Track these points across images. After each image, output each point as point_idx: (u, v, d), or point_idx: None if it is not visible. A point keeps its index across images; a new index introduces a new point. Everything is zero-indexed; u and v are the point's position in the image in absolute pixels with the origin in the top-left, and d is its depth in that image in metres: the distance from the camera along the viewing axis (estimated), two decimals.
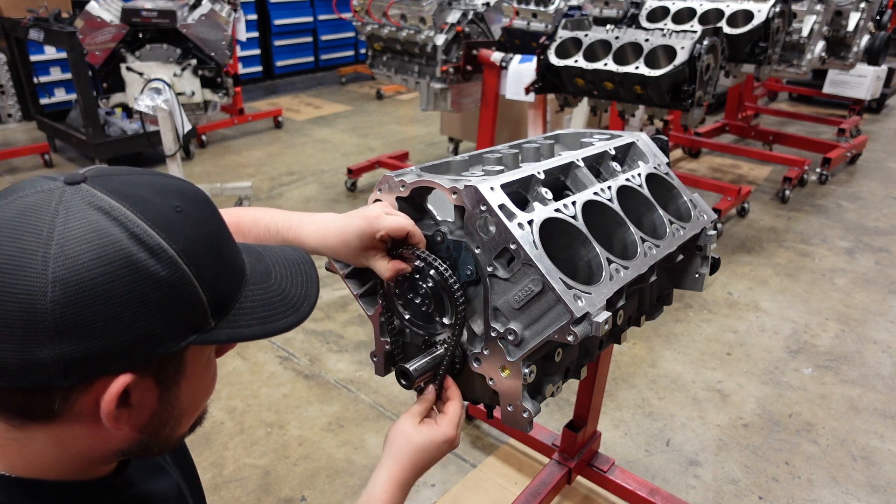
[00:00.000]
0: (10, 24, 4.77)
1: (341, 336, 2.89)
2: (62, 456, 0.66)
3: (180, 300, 0.60)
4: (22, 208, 0.57)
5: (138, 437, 0.68)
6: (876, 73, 5.32)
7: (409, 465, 0.97)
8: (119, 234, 0.57)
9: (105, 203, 0.58)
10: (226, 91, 3.45)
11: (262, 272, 0.73)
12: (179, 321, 0.61)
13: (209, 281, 0.63)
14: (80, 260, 0.55)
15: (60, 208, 0.57)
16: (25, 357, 0.55)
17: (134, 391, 0.62)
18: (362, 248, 0.99)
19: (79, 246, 0.56)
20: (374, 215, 0.98)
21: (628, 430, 2.36)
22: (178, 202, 0.64)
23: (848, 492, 2.10)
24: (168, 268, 0.59)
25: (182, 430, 0.73)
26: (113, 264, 0.56)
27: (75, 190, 0.59)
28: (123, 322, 0.57)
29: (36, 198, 0.58)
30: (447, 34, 3.51)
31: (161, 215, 0.60)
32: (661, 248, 1.13)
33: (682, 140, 4.99)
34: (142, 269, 0.57)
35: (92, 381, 0.59)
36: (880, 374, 2.67)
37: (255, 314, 0.69)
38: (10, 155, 4.77)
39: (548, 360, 1.06)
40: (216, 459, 2.19)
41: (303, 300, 0.75)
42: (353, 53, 8.12)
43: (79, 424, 0.63)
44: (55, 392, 0.59)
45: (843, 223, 4.06)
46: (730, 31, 3.25)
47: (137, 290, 0.57)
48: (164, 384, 0.65)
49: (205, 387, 0.72)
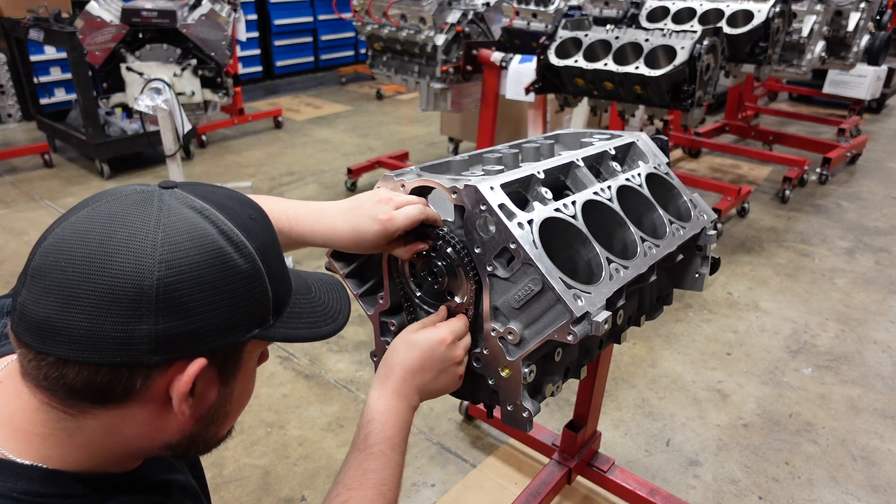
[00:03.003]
0: (10, 24, 4.77)
1: (341, 336, 2.89)
2: (105, 446, 0.69)
3: (254, 293, 0.68)
4: (129, 203, 0.65)
5: (191, 431, 0.72)
6: (876, 73, 5.32)
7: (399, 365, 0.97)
8: (210, 228, 0.66)
9: (197, 204, 0.67)
10: (226, 91, 3.44)
11: (304, 286, 0.81)
12: (250, 313, 0.68)
13: (275, 281, 0.71)
14: (183, 246, 0.63)
15: (163, 205, 0.65)
16: (126, 330, 0.61)
17: (199, 380, 0.67)
18: (376, 248, 1.01)
19: (180, 235, 0.63)
20: (387, 217, 0.97)
21: (628, 430, 2.35)
22: (252, 212, 0.73)
23: (848, 492, 2.10)
24: (248, 262, 0.67)
25: (223, 431, 0.78)
26: (207, 253, 0.64)
27: (171, 193, 0.67)
28: (210, 306, 0.64)
29: (138, 196, 0.66)
30: (447, 34, 3.51)
31: (241, 219, 0.69)
32: (661, 247, 1.13)
33: (682, 140, 4.99)
34: (229, 261, 0.65)
35: (171, 363, 0.64)
36: (880, 374, 2.67)
37: (302, 319, 0.77)
38: (10, 155, 4.77)
39: (548, 359, 1.06)
40: (216, 459, 2.19)
41: (339, 312, 0.83)
42: (353, 53, 8.12)
43: (143, 410, 0.67)
44: (140, 371, 0.63)
45: (843, 223, 4.06)
46: (730, 31, 3.25)
47: (225, 278, 0.65)
48: (224, 377, 0.71)
49: (249, 390, 0.78)
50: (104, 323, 0.60)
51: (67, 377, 0.63)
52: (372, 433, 0.92)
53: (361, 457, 0.91)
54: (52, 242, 0.63)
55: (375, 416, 0.94)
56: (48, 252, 0.63)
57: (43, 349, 0.62)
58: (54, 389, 0.64)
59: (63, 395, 0.65)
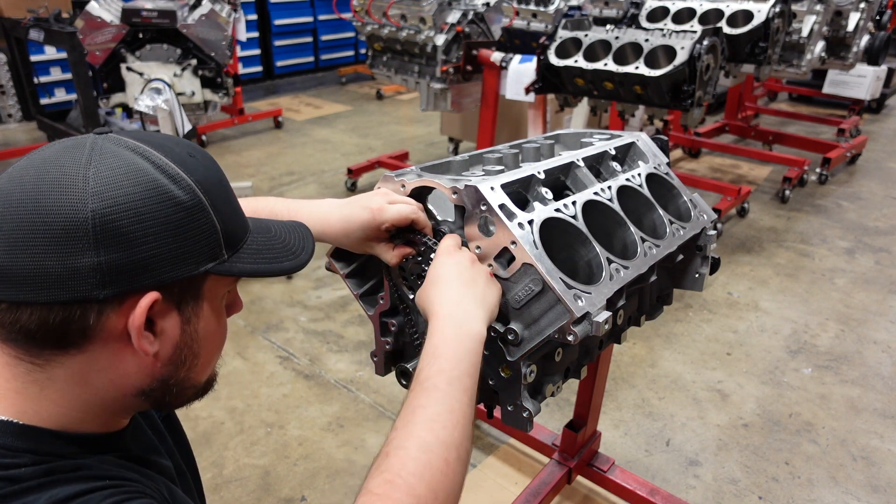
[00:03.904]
0: (10, 24, 4.76)
1: (341, 336, 2.89)
2: (80, 397, 0.70)
3: (199, 225, 0.68)
4: (61, 147, 0.67)
5: (160, 373, 0.72)
6: (876, 73, 5.32)
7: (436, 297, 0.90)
8: (145, 164, 0.66)
9: (131, 144, 0.68)
10: (226, 91, 3.44)
11: (263, 227, 0.81)
12: (198, 246, 0.68)
13: (222, 214, 0.71)
14: (115, 179, 0.64)
15: (95, 146, 0.66)
16: (68, 264, 0.62)
17: (158, 317, 0.68)
18: (365, 239, 1.01)
19: (112, 171, 0.64)
20: (378, 207, 0.98)
21: (628, 430, 2.36)
22: (192, 151, 0.73)
23: (848, 492, 2.10)
24: (188, 193, 0.67)
25: (197, 376, 0.77)
26: (141, 185, 0.65)
27: (105, 137, 0.68)
28: (151, 238, 0.64)
29: (72, 141, 0.68)
30: (447, 34, 3.51)
31: (178, 156, 0.69)
32: (661, 247, 1.13)
33: (682, 140, 4.99)
34: (165, 192, 0.66)
35: (123, 300, 0.65)
36: (880, 374, 2.67)
37: (261, 255, 0.76)
38: (10, 155, 4.77)
39: (548, 359, 1.06)
40: (216, 459, 2.19)
41: (301, 249, 0.82)
42: (353, 53, 8.11)
43: (106, 352, 0.68)
44: (91, 307, 0.64)
45: (843, 223, 4.06)
46: (730, 31, 3.25)
47: (163, 209, 0.65)
48: (184, 314, 0.71)
49: (220, 333, 0.78)
50: (46, 260, 0.62)
51: (21, 320, 0.64)
52: (424, 369, 0.82)
53: (412, 395, 0.80)
54: None
55: (427, 351, 0.84)
56: None
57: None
58: (15, 339, 0.66)
59: (24, 342, 0.66)
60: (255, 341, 2.83)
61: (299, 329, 2.93)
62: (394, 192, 1.04)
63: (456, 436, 0.76)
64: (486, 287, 0.92)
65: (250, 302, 3.10)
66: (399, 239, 1.03)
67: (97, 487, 0.66)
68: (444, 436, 0.75)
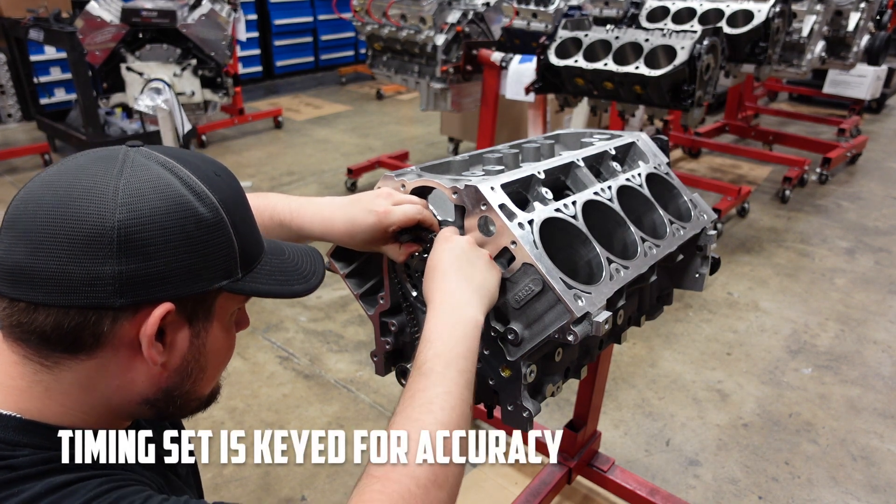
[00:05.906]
0: (10, 24, 4.77)
1: (341, 336, 2.89)
2: (84, 400, 0.71)
3: (218, 242, 0.70)
4: (95, 156, 0.69)
5: (166, 383, 0.73)
6: (876, 73, 5.32)
7: (437, 285, 0.90)
8: (173, 179, 0.68)
9: (161, 159, 0.70)
10: (226, 91, 3.45)
11: (277, 249, 0.83)
12: (215, 262, 0.70)
13: (241, 233, 0.73)
14: (144, 192, 0.66)
15: (127, 158, 0.68)
16: (89, 271, 0.63)
17: (169, 329, 0.70)
18: (371, 241, 1.01)
19: (142, 184, 0.66)
20: (384, 210, 0.98)
21: (628, 429, 2.36)
22: (218, 171, 0.75)
23: (848, 492, 2.10)
24: (211, 211, 0.69)
25: (201, 389, 0.78)
26: (168, 199, 0.67)
27: (137, 150, 0.70)
28: (172, 251, 0.66)
29: (105, 152, 0.70)
30: (447, 34, 3.51)
31: (205, 174, 0.72)
32: (661, 247, 1.13)
33: (682, 140, 4.99)
34: (190, 208, 0.68)
35: (137, 309, 0.67)
36: (880, 374, 2.67)
37: (274, 277, 0.78)
38: (10, 155, 4.77)
39: (548, 359, 1.06)
40: (216, 459, 2.19)
41: (312, 274, 0.84)
42: (353, 53, 8.11)
43: (115, 359, 0.69)
44: (107, 314, 0.66)
45: (843, 223, 4.06)
46: (730, 31, 3.25)
47: (186, 225, 0.67)
48: (194, 328, 0.73)
49: (227, 348, 0.80)
50: (70, 265, 0.63)
51: (37, 321, 0.65)
52: (422, 353, 0.83)
53: (410, 381, 0.81)
54: (24, 195, 0.67)
55: (425, 336, 0.84)
56: (19, 203, 0.66)
57: (14, 295, 0.65)
58: (28, 339, 0.67)
59: (36, 343, 0.67)
60: (255, 341, 2.83)
61: (299, 329, 2.93)
62: (395, 191, 1.04)
63: (454, 417, 0.77)
64: (486, 271, 0.92)
65: (251, 302, 3.10)
66: (406, 236, 1.02)
67: (93, 475, 0.67)
68: (441, 417, 0.76)
